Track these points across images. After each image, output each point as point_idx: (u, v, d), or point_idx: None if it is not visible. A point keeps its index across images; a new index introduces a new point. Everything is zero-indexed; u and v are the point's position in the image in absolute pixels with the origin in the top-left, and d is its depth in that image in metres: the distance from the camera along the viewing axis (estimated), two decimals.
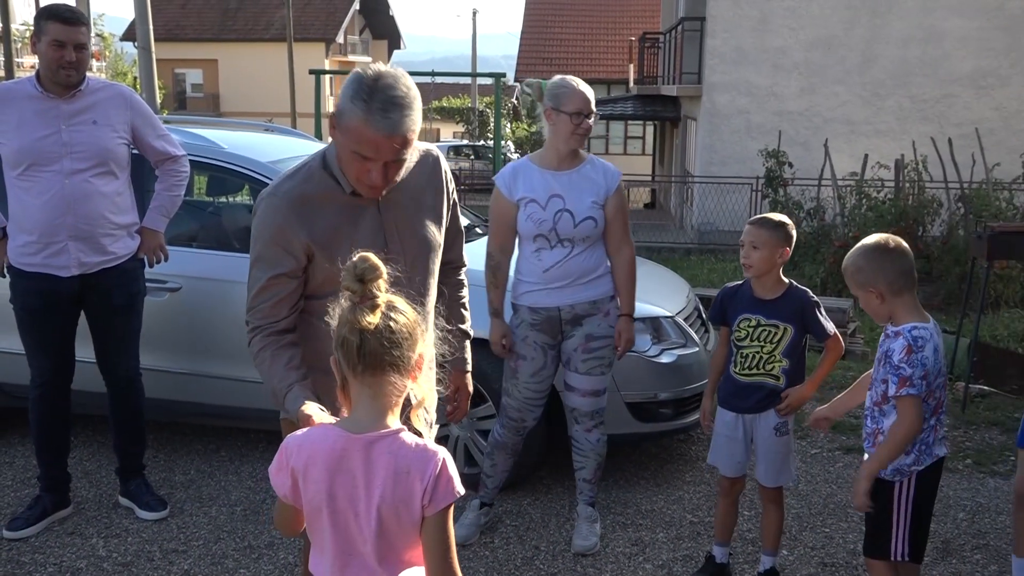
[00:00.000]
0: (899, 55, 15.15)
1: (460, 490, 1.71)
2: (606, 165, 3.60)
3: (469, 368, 2.74)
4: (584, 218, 3.46)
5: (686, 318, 4.40)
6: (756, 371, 3.21)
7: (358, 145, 2.10)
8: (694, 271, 11.52)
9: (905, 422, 2.59)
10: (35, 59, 3.56)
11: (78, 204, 3.51)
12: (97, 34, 28.84)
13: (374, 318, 1.66)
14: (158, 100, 15.80)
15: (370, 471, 1.69)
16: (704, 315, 4.78)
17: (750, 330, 3.20)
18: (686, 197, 16.84)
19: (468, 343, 2.73)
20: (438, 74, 13.37)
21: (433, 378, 2.24)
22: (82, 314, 3.73)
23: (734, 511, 3.46)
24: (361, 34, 45.41)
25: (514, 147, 31.20)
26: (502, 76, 12.34)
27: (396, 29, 47.35)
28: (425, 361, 1.77)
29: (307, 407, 1.96)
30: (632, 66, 24.90)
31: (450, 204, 2.49)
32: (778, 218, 3.20)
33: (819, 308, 3.18)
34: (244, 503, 4.04)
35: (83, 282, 3.61)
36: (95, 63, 27.26)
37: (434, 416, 2.41)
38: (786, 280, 3.22)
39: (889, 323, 2.68)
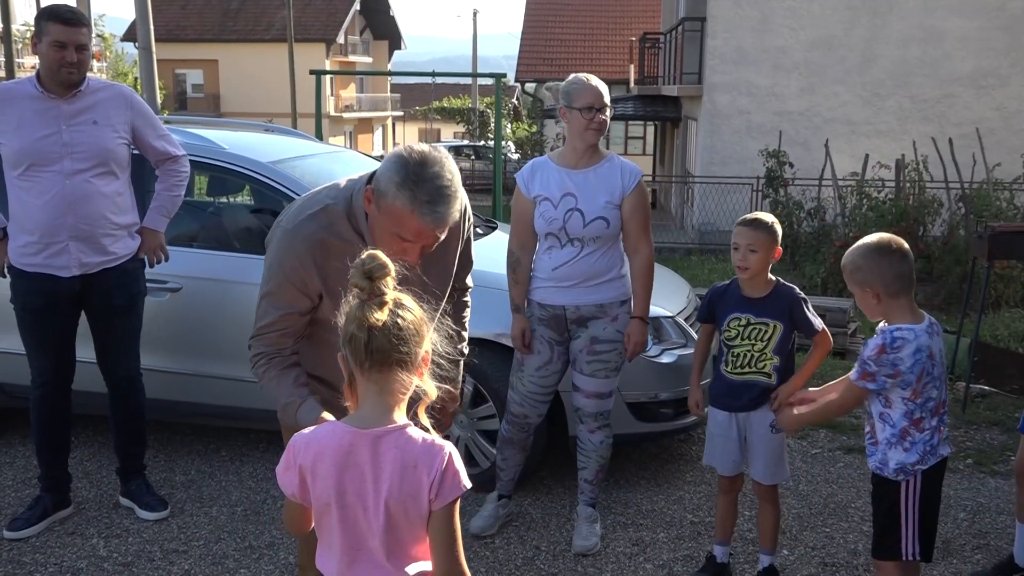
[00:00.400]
0: (899, 55, 15.16)
1: (467, 484, 1.73)
2: (625, 164, 3.55)
3: (458, 388, 2.78)
4: (595, 218, 3.43)
5: (687, 318, 4.40)
6: (748, 369, 3.22)
7: (399, 229, 2.16)
8: (694, 271, 11.52)
9: (841, 403, 2.79)
10: (36, 59, 3.56)
11: (79, 204, 3.51)
12: (98, 35, 28.83)
13: (382, 315, 1.68)
14: (159, 100, 15.81)
15: (378, 466, 1.71)
16: None
17: (740, 329, 3.21)
18: (687, 197, 16.85)
19: (461, 363, 2.81)
20: (439, 74, 13.34)
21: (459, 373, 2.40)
22: (83, 314, 3.73)
23: (734, 509, 3.46)
24: (362, 34, 45.40)
25: (514, 147, 31.18)
26: (503, 76, 12.31)
27: (397, 29, 47.32)
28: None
29: (325, 415, 2.12)
30: (633, 66, 24.91)
31: (466, 239, 2.61)
32: (768, 218, 3.23)
33: (806, 304, 3.20)
34: (245, 503, 4.04)
35: (84, 282, 3.61)
36: (96, 64, 27.24)
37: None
38: (773, 278, 3.24)
39: (883, 322, 2.69)
